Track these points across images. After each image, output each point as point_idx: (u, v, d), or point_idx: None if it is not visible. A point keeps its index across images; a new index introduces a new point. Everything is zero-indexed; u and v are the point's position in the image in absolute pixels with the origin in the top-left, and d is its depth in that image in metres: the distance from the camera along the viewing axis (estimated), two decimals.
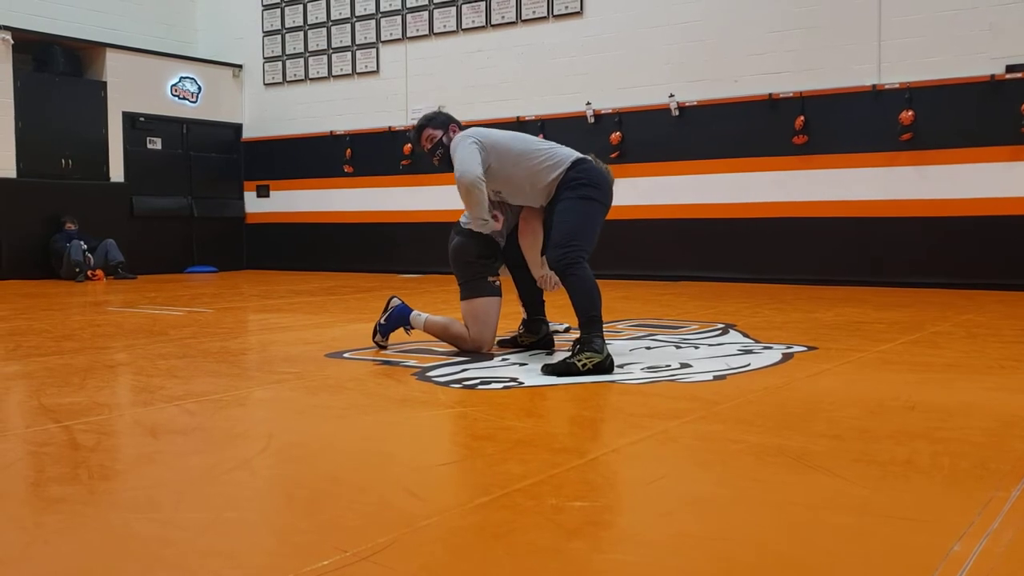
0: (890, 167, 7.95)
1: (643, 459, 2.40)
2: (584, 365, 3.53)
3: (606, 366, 3.56)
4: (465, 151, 3.92)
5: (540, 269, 4.08)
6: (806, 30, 8.34)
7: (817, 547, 1.70)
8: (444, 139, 4.16)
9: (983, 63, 7.54)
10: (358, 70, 11.33)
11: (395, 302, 4.34)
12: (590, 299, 3.69)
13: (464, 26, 10.36)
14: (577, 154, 4.01)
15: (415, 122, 4.28)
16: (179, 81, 11.84)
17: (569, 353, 3.68)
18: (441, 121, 4.21)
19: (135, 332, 5.18)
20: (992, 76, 7.49)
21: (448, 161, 4.12)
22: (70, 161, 10.70)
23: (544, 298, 4.28)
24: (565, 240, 3.77)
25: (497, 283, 4.14)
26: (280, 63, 12.01)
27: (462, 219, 4.18)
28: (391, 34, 11.02)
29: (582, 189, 3.88)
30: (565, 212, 3.85)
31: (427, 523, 1.83)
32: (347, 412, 3.01)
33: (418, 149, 4.35)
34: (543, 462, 2.30)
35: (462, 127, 4.22)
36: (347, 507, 1.95)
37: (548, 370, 3.58)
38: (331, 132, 11.47)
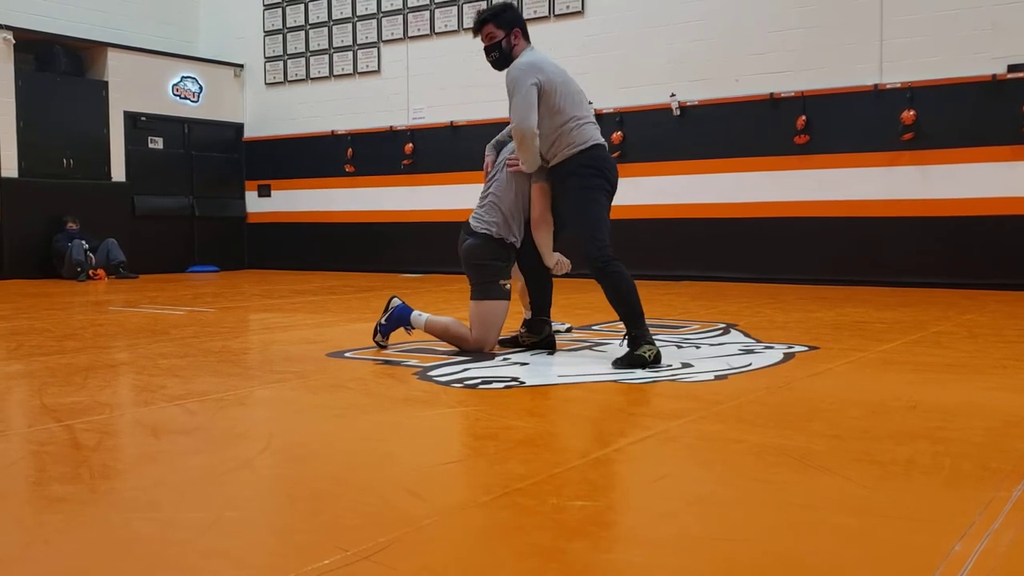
0: (891, 167, 7.95)
1: (644, 459, 2.40)
2: (649, 355, 3.71)
3: (660, 357, 3.77)
4: (525, 98, 3.87)
5: (552, 257, 4.11)
6: (807, 29, 8.34)
7: (818, 547, 1.70)
8: (504, 43, 4.04)
9: (984, 63, 7.53)
10: (359, 70, 11.33)
11: (395, 302, 4.34)
12: (631, 296, 3.85)
13: (465, 26, 10.35)
14: (598, 137, 4.03)
15: (480, 12, 4.06)
16: (180, 81, 11.84)
17: (627, 349, 3.81)
18: (507, 20, 4.05)
19: (136, 332, 5.18)
20: (994, 76, 7.49)
21: (501, 64, 4.07)
22: (71, 161, 10.70)
23: (552, 299, 4.29)
24: (595, 235, 3.86)
25: (507, 287, 4.14)
26: (281, 63, 12.01)
27: (471, 219, 4.17)
28: (392, 34, 11.02)
29: (591, 179, 3.94)
30: (581, 202, 3.92)
31: (428, 523, 1.83)
32: (348, 412, 3.01)
33: (474, 38, 4.18)
34: (545, 462, 2.30)
35: (526, 32, 4.10)
36: (348, 507, 1.95)
37: (619, 364, 3.73)
38: (332, 132, 11.47)
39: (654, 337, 3.85)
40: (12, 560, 1.67)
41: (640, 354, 3.71)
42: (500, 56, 4.07)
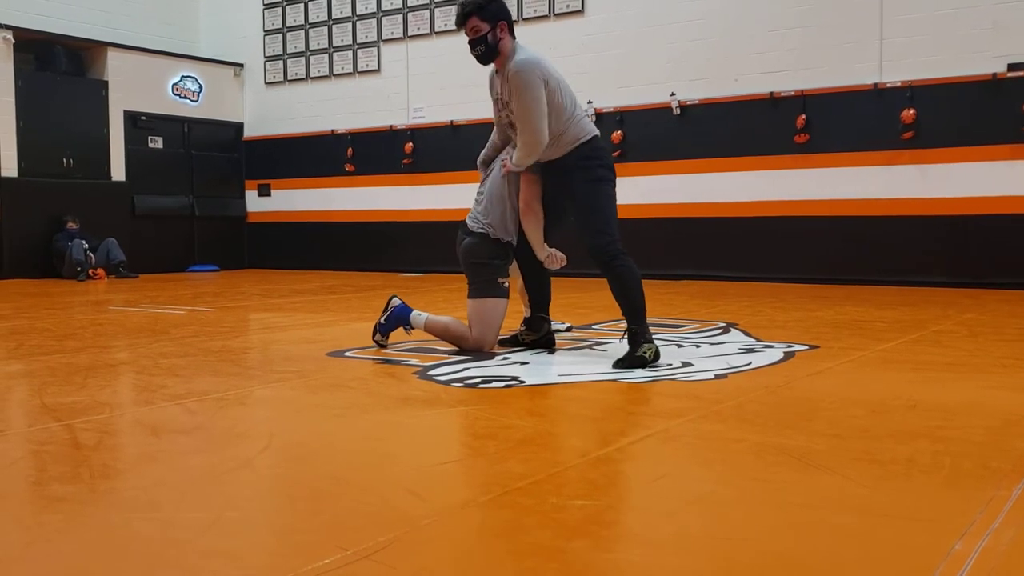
0: (891, 166, 7.94)
1: (644, 458, 2.40)
2: (649, 355, 3.71)
3: (659, 355, 3.78)
4: (538, 105, 3.83)
5: (544, 250, 4.07)
6: (807, 28, 8.34)
7: (818, 546, 1.70)
8: (489, 37, 3.94)
9: (985, 61, 7.53)
10: (359, 69, 11.33)
11: (395, 302, 4.34)
12: (636, 291, 3.84)
13: None
14: (594, 128, 4.04)
15: (461, 9, 3.95)
16: (180, 80, 11.84)
17: (629, 347, 3.79)
18: (492, 13, 3.94)
19: (137, 331, 5.18)
20: (994, 75, 7.48)
21: (487, 58, 4.00)
22: (71, 160, 10.70)
23: (551, 296, 4.29)
24: (602, 228, 3.87)
25: (506, 285, 4.15)
26: (281, 62, 12.01)
27: (468, 219, 4.18)
28: (392, 33, 11.02)
29: (598, 170, 3.95)
30: (589, 196, 3.93)
31: (428, 522, 1.83)
32: (348, 411, 3.01)
33: (459, 31, 4.08)
34: (544, 461, 2.30)
35: (512, 27, 4.02)
36: (348, 506, 1.95)
37: (620, 365, 3.70)
38: (332, 131, 11.46)
39: (654, 336, 3.85)
40: (12, 560, 1.67)
41: (640, 354, 3.71)
42: (486, 50, 3.98)
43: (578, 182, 3.94)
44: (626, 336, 3.85)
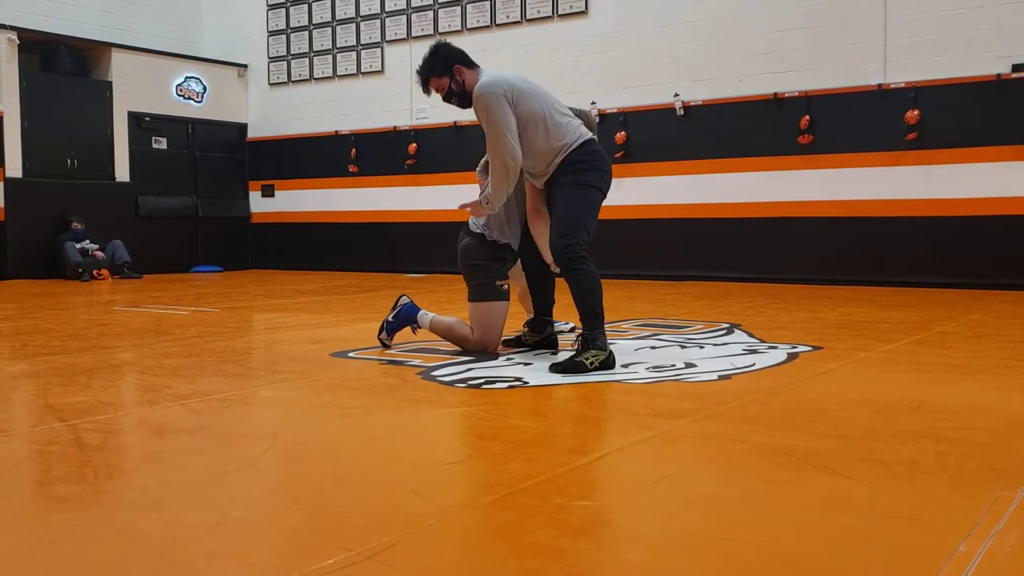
0: (896, 166, 7.94)
1: (648, 459, 2.40)
2: (591, 363, 3.59)
3: (610, 363, 3.64)
4: (505, 126, 3.74)
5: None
6: (811, 29, 8.33)
7: (822, 547, 1.70)
8: (454, 86, 3.94)
9: (989, 62, 7.52)
10: (363, 70, 11.34)
11: (404, 300, 4.36)
12: (593, 295, 3.73)
13: (469, 25, 10.36)
14: (587, 132, 3.95)
15: (419, 68, 3.94)
16: (184, 81, 11.86)
17: (574, 351, 3.70)
18: (444, 64, 3.91)
19: (141, 331, 5.19)
20: (998, 75, 7.47)
21: (465, 102, 3.95)
22: (76, 161, 10.72)
23: (555, 298, 4.29)
24: (567, 231, 3.76)
25: (505, 287, 4.13)
26: (285, 63, 12.02)
27: (471, 221, 4.17)
28: (396, 34, 11.03)
29: (584, 174, 3.84)
30: (565, 198, 3.82)
31: (432, 522, 1.83)
32: (352, 411, 3.01)
33: (426, 94, 4.07)
34: (548, 461, 2.30)
35: (468, 60, 3.97)
36: (352, 506, 1.95)
37: (556, 368, 3.62)
38: (336, 132, 11.48)
39: (656, 337, 3.83)
40: (18, 559, 1.67)
41: (581, 360, 3.59)
42: (459, 98, 3.96)
43: (561, 184, 3.85)
44: (578, 340, 3.76)
